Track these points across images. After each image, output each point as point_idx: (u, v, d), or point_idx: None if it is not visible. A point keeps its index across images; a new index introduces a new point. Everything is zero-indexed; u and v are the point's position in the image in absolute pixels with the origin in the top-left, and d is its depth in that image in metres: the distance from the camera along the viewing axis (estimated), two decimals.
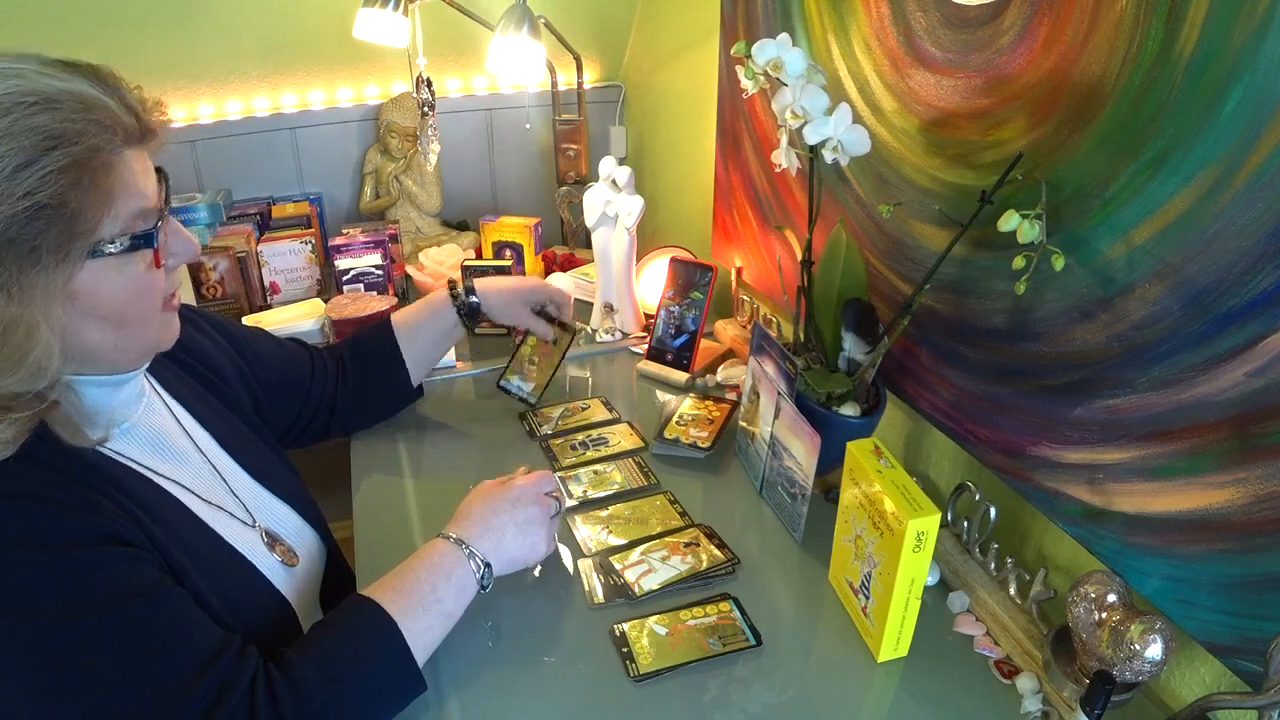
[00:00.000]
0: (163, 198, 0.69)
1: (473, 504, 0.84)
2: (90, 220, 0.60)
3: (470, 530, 0.81)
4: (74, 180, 0.58)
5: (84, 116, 0.59)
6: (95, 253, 0.62)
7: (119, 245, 0.63)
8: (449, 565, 0.78)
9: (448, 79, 1.92)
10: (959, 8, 0.83)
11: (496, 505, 0.84)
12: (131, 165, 0.64)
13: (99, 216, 0.61)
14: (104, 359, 0.69)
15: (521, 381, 1.21)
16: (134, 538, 0.66)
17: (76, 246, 0.60)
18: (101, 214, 0.61)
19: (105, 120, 0.61)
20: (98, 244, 0.62)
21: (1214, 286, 0.62)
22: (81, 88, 0.61)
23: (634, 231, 1.36)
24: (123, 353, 0.69)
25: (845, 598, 0.86)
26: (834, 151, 0.84)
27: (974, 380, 0.89)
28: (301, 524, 0.91)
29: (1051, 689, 0.75)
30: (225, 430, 0.87)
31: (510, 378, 1.22)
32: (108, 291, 0.64)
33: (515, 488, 0.86)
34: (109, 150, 0.61)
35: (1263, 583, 0.62)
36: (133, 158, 0.64)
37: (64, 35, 1.59)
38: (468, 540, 0.80)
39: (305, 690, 0.66)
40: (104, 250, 0.62)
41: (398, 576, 0.77)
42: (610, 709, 0.75)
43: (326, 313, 1.35)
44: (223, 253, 1.55)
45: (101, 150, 0.60)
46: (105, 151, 0.61)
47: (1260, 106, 0.57)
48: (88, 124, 0.59)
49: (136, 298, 0.67)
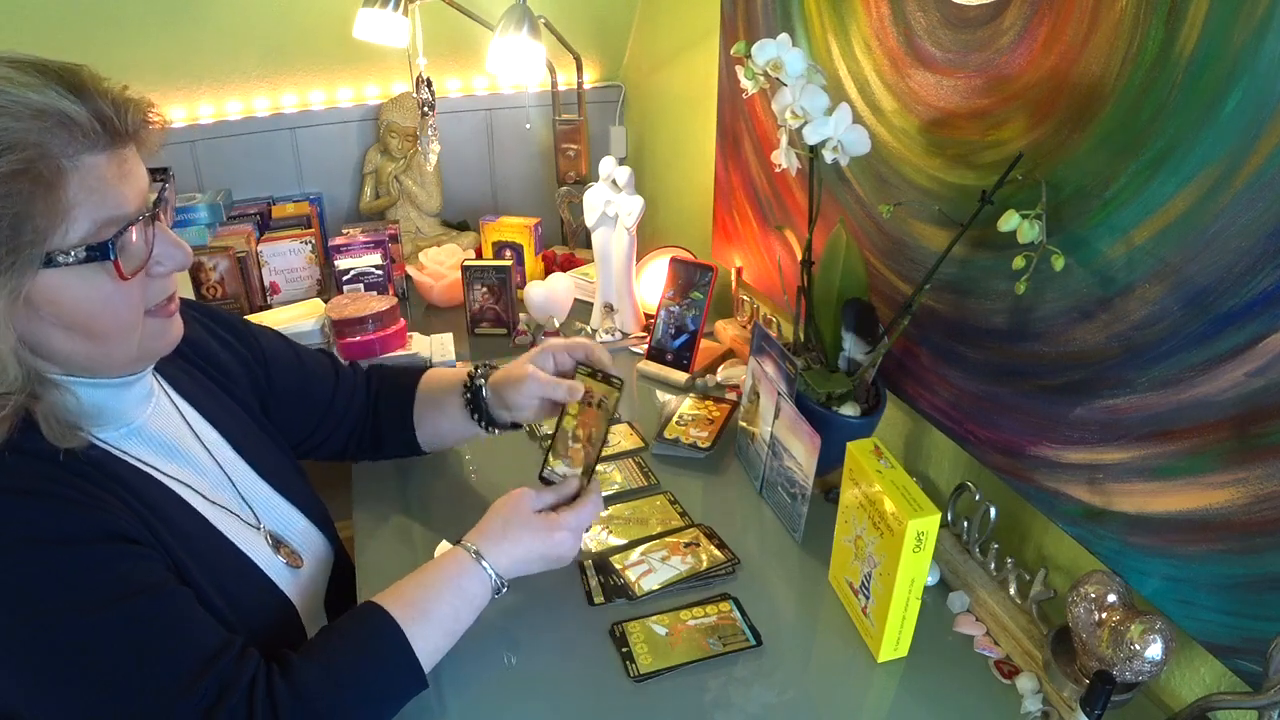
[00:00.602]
0: (156, 200, 0.66)
1: (508, 523, 0.80)
2: (38, 230, 0.57)
3: (494, 552, 0.78)
4: (16, 189, 0.56)
5: (35, 124, 0.57)
6: (49, 262, 0.59)
7: (74, 256, 0.60)
8: (466, 581, 0.77)
9: (448, 79, 1.92)
10: (959, 8, 0.83)
11: (529, 542, 0.80)
12: (97, 171, 0.60)
13: (48, 226, 0.58)
14: (81, 366, 0.67)
15: (567, 467, 0.89)
16: (138, 535, 0.66)
17: (23, 257, 0.57)
18: (52, 223, 0.58)
19: (60, 126, 0.58)
20: (50, 254, 0.59)
21: (1214, 286, 0.62)
22: (36, 94, 0.58)
23: (634, 231, 1.36)
24: (101, 361, 0.67)
25: (845, 598, 0.86)
26: (834, 151, 0.85)
27: (974, 380, 0.89)
28: (308, 526, 0.90)
29: (1051, 689, 0.75)
30: (236, 430, 0.86)
31: (554, 464, 0.90)
32: (70, 301, 0.62)
33: (557, 536, 0.80)
34: (64, 157, 0.58)
35: (1263, 583, 0.62)
36: (101, 163, 0.61)
37: (64, 35, 1.59)
38: (488, 558, 0.78)
39: (306, 693, 0.66)
40: (57, 261, 0.59)
41: (412, 586, 0.76)
42: (610, 709, 0.75)
43: (326, 313, 1.35)
44: (223, 253, 1.54)
45: (52, 157, 0.57)
46: (57, 158, 0.58)
47: (1260, 106, 0.57)
48: (39, 131, 0.57)
49: (105, 309, 0.64)
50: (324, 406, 1.00)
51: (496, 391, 0.95)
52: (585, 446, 0.88)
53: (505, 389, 0.93)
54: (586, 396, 0.88)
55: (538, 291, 1.48)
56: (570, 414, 0.89)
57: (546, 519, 0.81)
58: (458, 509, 1.01)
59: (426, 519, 1.01)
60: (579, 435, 0.89)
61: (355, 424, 1.02)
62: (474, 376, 0.98)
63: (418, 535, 0.98)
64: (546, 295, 1.48)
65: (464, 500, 1.04)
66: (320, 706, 0.66)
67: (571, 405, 0.89)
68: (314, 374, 1.00)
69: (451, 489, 1.06)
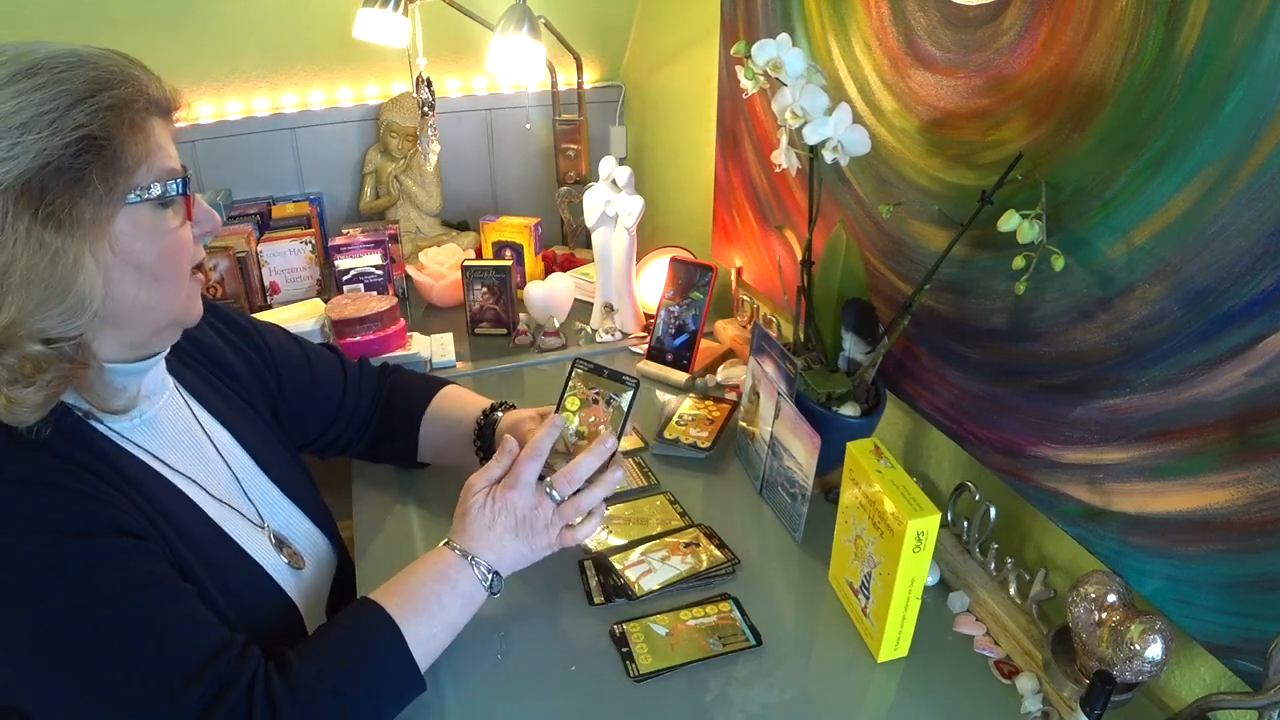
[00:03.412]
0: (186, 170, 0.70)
1: (467, 512, 0.80)
2: (132, 160, 0.63)
3: (470, 543, 0.78)
4: (119, 119, 0.62)
5: (123, 70, 0.64)
6: (135, 196, 0.64)
7: (156, 190, 0.66)
8: (455, 575, 0.77)
9: (448, 79, 1.92)
10: (959, 8, 0.83)
11: (486, 519, 0.79)
12: (159, 129, 0.67)
13: (139, 160, 0.64)
14: (136, 320, 0.69)
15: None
16: (143, 530, 0.66)
17: (120, 183, 0.63)
18: (140, 158, 0.64)
19: (139, 81, 0.65)
20: (137, 187, 0.64)
21: (1214, 286, 0.62)
22: (109, 60, 0.65)
23: (634, 231, 1.36)
24: (153, 315, 0.70)
25: (845, 598, 0.86)
26: (834, 151, 0.84)
27: (974, 380, 0.89)
28: (312, 529, 0.91)
29: (1051, 689, 0.75)
30: (245, 429, 0.86)
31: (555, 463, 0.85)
32: (143, 241, 0.66)
33: (500, 498, 0.80)
34: (143, 108, 0.65)
35: (1263, 583, 0.62)
36: (160, 126, 0.67)
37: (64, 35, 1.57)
38: (468, 549, 0.78)
39: (304, 692, 0.66)
40: (142, 195, 0.65)
41: (404, 582, 0.76)
42: (610, 709, 0.75)
43: (326, 313, 1.35)
44: (223, 253, 1.54)
45: (138, 103, 0.64)
46: (141, 107, 0.64)
47: (1260, 106, 0.57)
48: (128, 76, 0.64)
49: (169, 253, 0.68)
50: (333, 409, 1.00)
51: (501, 430, 0.95)
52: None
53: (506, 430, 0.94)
54: (588, 393, 0.86)
55: (538, 291, 1.48)
56: (569, 410, 0.86)
57: (487, 488, 0.81)
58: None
59: (426, 519, 1.01)
60: (582, 432, 0.86)
61: (360, 424, 1.02)
62: (492, 410, 0.98)
63: (418, 535, 0.98)
64: (546, 295, 1.48)
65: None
66: (317, 706, 0.66)
67: (570, 401, 0.86)
68: (323, 376, 1.00)
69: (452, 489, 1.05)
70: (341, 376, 1.01)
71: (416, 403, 1.02)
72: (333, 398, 1.00)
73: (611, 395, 0.85)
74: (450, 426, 1.00)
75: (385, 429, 1.03)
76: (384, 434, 1.03)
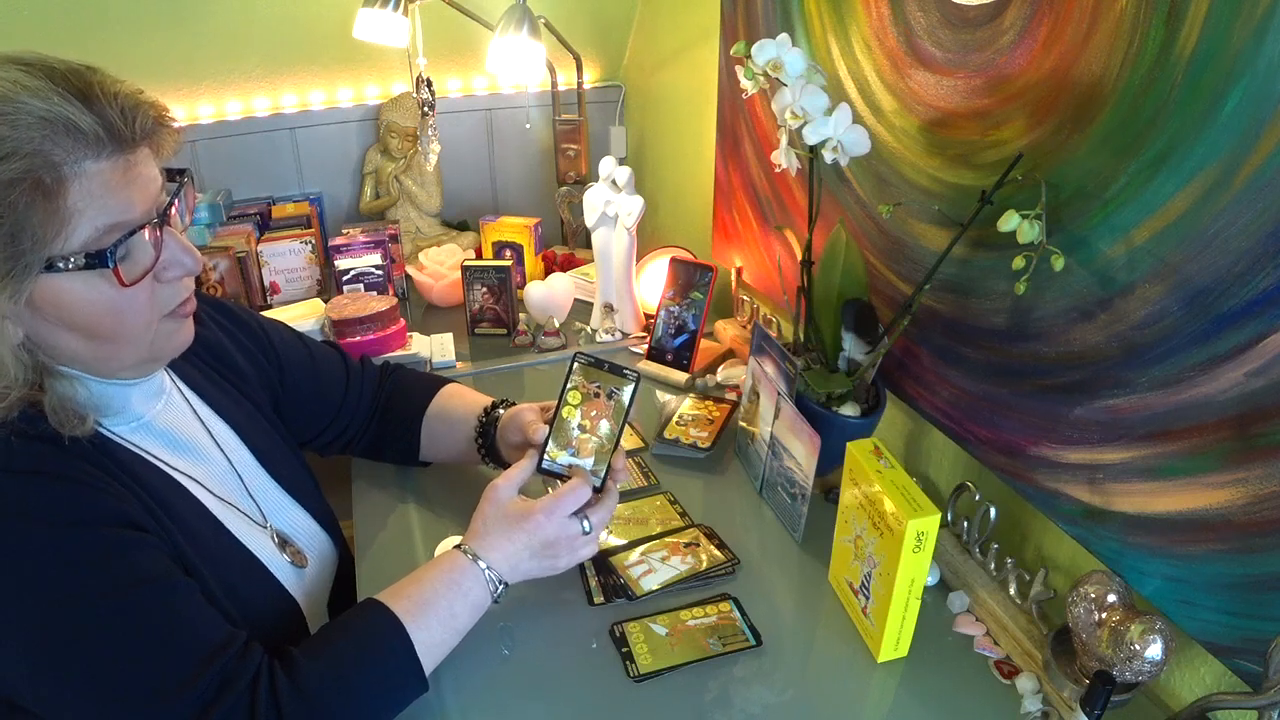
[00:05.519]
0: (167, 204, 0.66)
1: (489, 520, 0.80)
2: (37, 237, 0.57)
3: (488, 552, 0.78)
4: (15, 197, 0.56)
5: (36, 132, 0.57)
6: (50, 267, 0.59)
7: (73, 263, 0.60)
8: (466, 582, 0.76)
9: (448, 79, 1.92)
10: (959, 8, 0.83)
11: (512, 533, 0.79)
12: (100, 178, 0.60)
13: (48, 233, 0.58)
14: (88, 366, 0.67)
15: (573, 458, 0.84)
16: (146, 524, 0.66)
17: (22, 263, 0.57)
18: (52, 230, 0.58)
19: (62, 133, 0.58)
20: (51, 260, 0.59)
21: (1214, 286, 0.62)
22: (40, 100, 0.57)
23: (634, 231, 1.36)
24: (108, 361, 0.67)
25: (845, 598, 0.86)
26: (834, 151, 0.84)
27: (974, 380, 0.89)
28: (315, 528, 0.91)
29: (1051, 689, 0.75)
30: (249, 427, 0.86)
31: (556, 455, 0.84)
32: (71, 304, 0.62)
33: (533, 520, 0.79)
34: (65, 164, 0.58)
35: (1263, 583, 0.62)
36: (105, 169, 0.60)
37: (64, 35, 1.59)
38: (484, 558, 0.78)
39: (308, 690, 0.66)
40: (58, 266, 0.60)
41: (412, 584, 0.76)
42: (610, 709, 0.75)
43: (326, 313, 1.35)
44: (223, 253, 1.54)
45: (53, 165, 0.57)
46: (58, 166, 0.58)
47: (1260, 106, 0.57)
48: (40, 139, 0.57)
49: (109, 314, 0.64)
50: (334, 407, 1.00)
51: (502, 426, 0.95)
52: (595, 437, 0.84)
53: (506, 425, 0.94)
54: (590, 387, 0.86)
55: (538, 291, 1.48)
56: (570, 404, 0.84)
57: (520, 506, 0.80)
58: (458, 509, 1.01)
59: (426, 519, 1.01)
60: (584, 426, 0.84)
61: (362, 422, 1.03)
62: (494, 407, 0.98)
63: (418, 535, 0.98)
64: (546, 295, 1.48)
65: (464, 500, 1.03)
66: (323, 703, 0.66)
67: (572, 395, 0.84)
68: (326, 374, 1.00)
69: (452, 489, 1.06)
70: (344, 374, 1.01)
71: (417, 401, 1.02)
72: (335, 395, 1.00)
73: (613, 389, 0.84)
74: (451, 424, 1.00)
75: (386, 427, 1.03)
76: (385, 432, 1.03)
